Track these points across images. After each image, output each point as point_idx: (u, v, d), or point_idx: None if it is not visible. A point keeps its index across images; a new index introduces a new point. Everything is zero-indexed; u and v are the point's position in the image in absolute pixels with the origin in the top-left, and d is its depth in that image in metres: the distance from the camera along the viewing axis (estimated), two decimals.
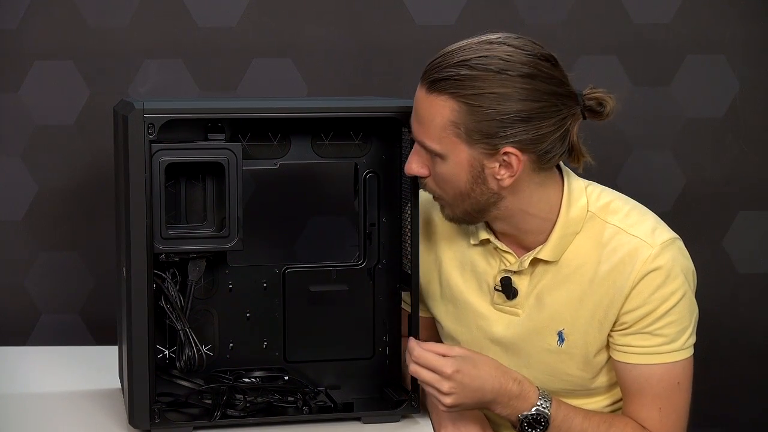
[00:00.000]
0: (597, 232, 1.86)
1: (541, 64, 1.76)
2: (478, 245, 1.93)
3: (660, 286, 1.82)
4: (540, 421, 1.81)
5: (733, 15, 2.61)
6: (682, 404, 1.86)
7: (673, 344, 1.84)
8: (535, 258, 1.87)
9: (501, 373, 1.80)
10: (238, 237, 1.85)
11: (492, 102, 1.74)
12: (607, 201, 1.88)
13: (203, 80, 2.54)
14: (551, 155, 1.80)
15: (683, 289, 1.83)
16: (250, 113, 1.85)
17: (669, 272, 1.82)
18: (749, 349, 2.70)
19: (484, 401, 1.80)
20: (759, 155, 2.66)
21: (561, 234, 1.85)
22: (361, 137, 1.96)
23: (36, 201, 2.54)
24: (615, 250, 1.84)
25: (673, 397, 1.85)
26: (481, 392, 1.79)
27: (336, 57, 2.56)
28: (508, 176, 1.79)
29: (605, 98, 1.82)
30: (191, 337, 1.87)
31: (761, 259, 2.69)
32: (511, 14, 2.56)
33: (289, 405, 1.93)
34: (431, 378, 1.78)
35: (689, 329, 1.85)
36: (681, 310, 1.84)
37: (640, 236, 1.83)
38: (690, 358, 1.86)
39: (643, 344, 1.84)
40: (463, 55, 1.76)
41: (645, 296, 1.82)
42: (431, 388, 1.79)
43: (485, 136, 1.76)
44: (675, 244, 1.85)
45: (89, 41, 2.51)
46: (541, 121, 1.76)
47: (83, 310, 2.58)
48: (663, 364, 1.84)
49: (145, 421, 1.83)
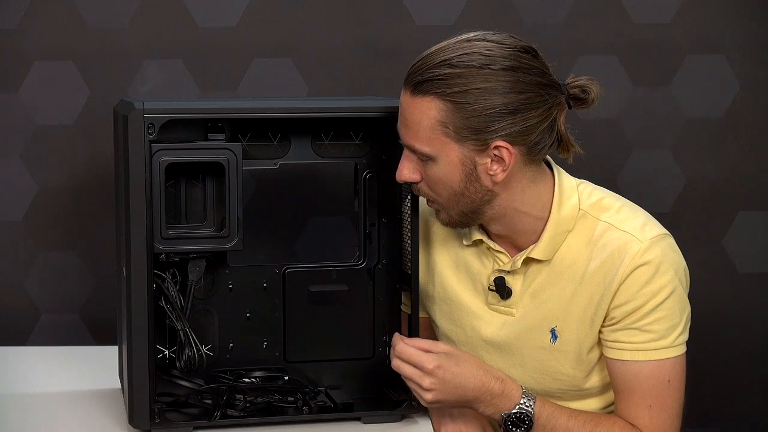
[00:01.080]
0: (589, 229, 1.86)
1: (522, 56, 1.77)
2: (472, 246, 1.93)
3: (648, 281, 1.82)
4: (524, 420, 1.80)
5: (733, 15, 2.62)
6: (673, 403, 1.85)
7: (662, 341, 1.83)
8: (528, 257, 1.87)
9: (483, 372, 1.80)
10: (238, 237, 1.85)
11: (477, 98, 1.74)
12: (599, 198, 1.89)
13: (203, 80, 2.54)
14: (541, 146, 1.80)
15: (672, 285, 1.82)
16: (250, 113, 1.85)
17: (658, 267, 1.82)
18: (749, 349, 2.71)
19: (465, 399, 1.80)
20: (759, 155, 2.66)
21: (553, 233, 1.85)
22: (361, 137, 1.96)
23: (36, 201, 2.54)
24: (605, 246, 1.84)
25: (664, 395, 1.84)
26: (462, 390, 1.79)
27: (336, 57, 2.56)
28: (500, 171, 1.79)
29: (588, 85, 1.82)
30: (191, 337, 1.87)
31: (761, 259, 2.69)
32: (511, 14, 2.56)
33: (289, 405, 1.93)
34: (412, 373, 1.78)
35: (680, 326, 1.84)
36: (671, 307, 1.83)
37: (629, 231, 1.83)
38: (682, 356, 1.85)
39: (632, 340, 1.83)
40: (444, 55, 1.76)
41: (633, 291, 1.82)
42: (412, 383, 1.79)
43: (474, 132, 1.76)
44: (665, 240, 1.85)
45: (89, 41, 2.51)
46: (528, 112, 1.76)
47: (83, 310, 2.58)
48: (652, 361, 1.83)
49: (145, 421, 1.83)
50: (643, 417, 1.84)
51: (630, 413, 1.85)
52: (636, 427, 1.84)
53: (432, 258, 1.98)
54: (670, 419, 1.85)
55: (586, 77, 1.83)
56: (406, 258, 1.93)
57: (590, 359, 1.88)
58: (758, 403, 2.72)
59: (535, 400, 1.82)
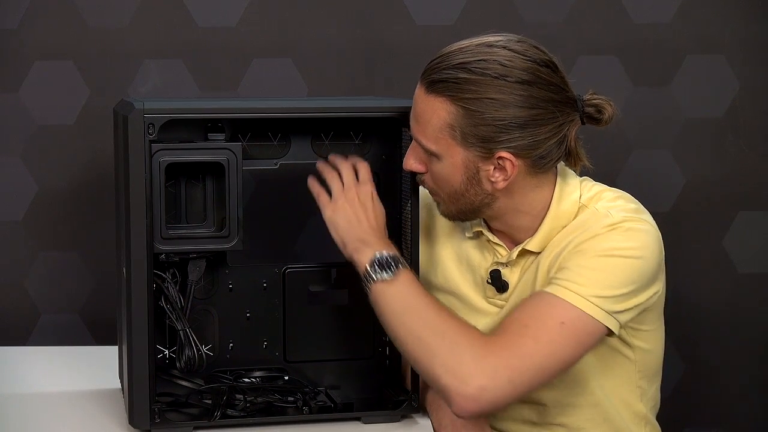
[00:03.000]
0: (581, 217, 1.85)
1: (541, 70, 1.76)
2: (473, 237, 1.94)
3: (602, 237, 1.77)
4: (390, 265, 1.79)
5: (733, 15, 2.61)
6: (548, 347, 1.71)
7: (579, 287, 1.74)
8: (524, 249, 1.87)
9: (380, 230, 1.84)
10: (238, 237, 1.85)
11: (489, 107, 1.74)
12: (599, 191, 1.89)
13: (203, 80, 2.54)
14: (547, 160, 1.81)
15: (630, 254, 1.76)
16: (250, 113, 1.85)
17: (622, 232, 1.77)
18: (749, 349, 2.70)
19: (352, 231, 1.83)
20: (759, 155, 2.66)
21: (550, 227, 1.86)
22: (361, 137, 1.97)
23: (36, 201, 2.54)
24: (583, 221, 1.83)
25: (546, 329, 1.72)
26: (358, 223, 1.83)
27: (336, 57, 2.56)
28: (502, 179, 1.80)
29: (604, 105, 1.81)
30: (191, 337, 1.87)
31: (761, 259, 2.69)
32: (511, 14, 2.56)
33: (289, 405, 1.93)
34: (338, 188, 1.84)
35: (612, 294, 1.74)
36: (612, 269, 1.75)
37: (611, 210, 1.82)
38: (592, 321, 1.74)
39: (555, 275, 1.78)
40: (463, 58, 1.76)
41: (582, 239, 1.79)
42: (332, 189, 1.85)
43: (481, 140, 1.76)
44: (646, 225, 1.81)
45: (89, 41, 2.51)
46: (537, 127, 1.76)
47: (83, 310, 2.58)
48: (557, 296, 1.75)
49: (145, 421, 1.83)
50: (511, 330, 1.74)
51: (503, 324, 1.77)
52: (495, 336, 1.75)
53: (435, 249, 1.99)
54: (531, 357, 1.71)
55: (604, 97, 1.82)
56: (407, 258, 1.93)
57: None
58: (758, 403, 2.72)
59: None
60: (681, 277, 2.62)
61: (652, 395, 1.97)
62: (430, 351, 1.74)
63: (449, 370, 1.72)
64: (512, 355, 1.72)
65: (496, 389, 1.71)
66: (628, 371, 1.91)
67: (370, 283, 1.79)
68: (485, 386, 1.70)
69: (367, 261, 1.80)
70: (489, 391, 1.71)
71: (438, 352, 1.73)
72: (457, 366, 1.71)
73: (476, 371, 1.71)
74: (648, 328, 1.89)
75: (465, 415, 1.73)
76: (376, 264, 1.79)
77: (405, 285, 1.79)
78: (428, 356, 1.74)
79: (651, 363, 1.93)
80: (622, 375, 1.91)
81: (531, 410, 1.94)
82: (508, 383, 1.71)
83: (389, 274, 1.79)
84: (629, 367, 1.91)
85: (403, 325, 1.77)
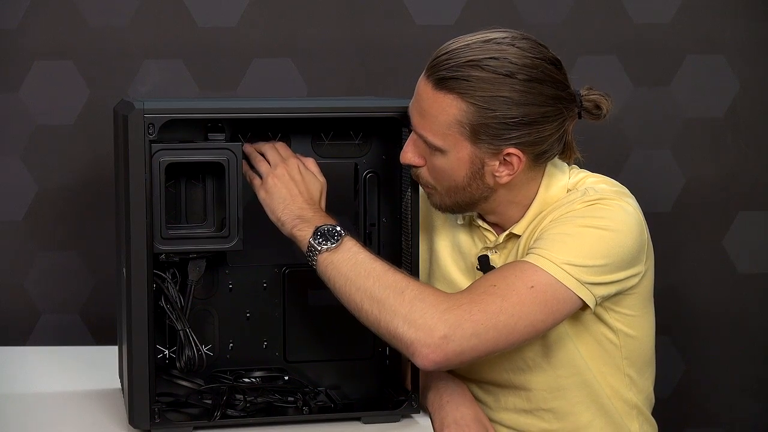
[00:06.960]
0: (565, 199, 1.86)
1: (548, 68, 1.79)
2: (465, 224, 1.96)
3: (580, 211, 1.79)
4: (333, 234, 1.78)
5: (733, 15, 2.62)
6: (515, 307, 1.71)
7: (548, 252, 1.75)
8: (511, 233, 1.89)
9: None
10: (238, 237, 1.85)
11: (500, 105, 1.76)
12: (585, 176, 1.91)
13: (203, 80, 2.54)
14: (548, 155, 1.84)
15: (604, 226, 1.77)
16: (250, 113, 1.85)
17: (598, 206, 1.79)
18: (749, 349, 2.71)
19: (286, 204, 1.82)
20: (759, 155, 2.66)
21: (537, 210, 1.87)
22: (361, 137, 1.97)
23: (36, 201, 2.54)
24: (565, 201, 1.85)
25: (515, 289, 1.72)
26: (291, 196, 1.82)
27: (336, 57, 2.56)
28: (506, 174, 1.82)
29: (602, 101, 1.84)
30: (191, 337, 1.87)
31: (761, 259, 2.69)
32: (511, 14, 2.56)
33: (289, 405, 1.93)
34: (265, 168, 1.84)
35: (582, 264, 1.74)
36: (587, 239, 1.75)
37: (592, 186, 1.84)
38: (562, 286, 1.73)
39: (531, 245, 1.79)
40: (472, 55, 1.77)
41: (561, 213, 1.81)
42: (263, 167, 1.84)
43: (490, 137, 1.78)
44: (626, 205, 1.82)
45: (89, 41, 2.51)
46: (545, 124, 1.79)
47: (83, 310, 2.58)
48: (527, 262, 1.75)
49: (145, 421, 1.82)
50: (478, 290, 1.74)
51: (471, 284, 1.78)
52: (461, 293, 1.75)
53: (433, 240, 2.00)
54: (496, 315, 1.71)
55: (602, 92, 1.84)
56: (407, 258, 1.93)
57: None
58: (758, 403, 2.72)
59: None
60: (681, 277, 2.63)
61: (643, 388, 1.97)
62: (391, 309, 1.73)
63: (412, 324, 1.71)
64: (478, 309, 1.72)
65: (462, 339, 1.70)
66: (613, 356, 1.91)
67: (316, 255, 1.78)
68: (449, 335, 1.70)
69: (308, 236, 1.79)
70: (453, 342, 1.70)
71: (399, 309, 1.72)
72: (420, 318, 1.71)
73: (439, 322, 1.70)
74: (631, 313, 1.89)
75: (430, 365, 1.72)
76: (318, 236, 1.78)
77: (353, 250, 1.78)
78: (389, 314, 1.73)
79: (638, 351, 1.93)
80: (607, 360, 1.91)
81: (518, 397, 1.94)
82: (472, 335, 1.70)
83: (334, 242, 1.78)
84: (614, 352, 1.91)
85: (358, 290, 1.76)
